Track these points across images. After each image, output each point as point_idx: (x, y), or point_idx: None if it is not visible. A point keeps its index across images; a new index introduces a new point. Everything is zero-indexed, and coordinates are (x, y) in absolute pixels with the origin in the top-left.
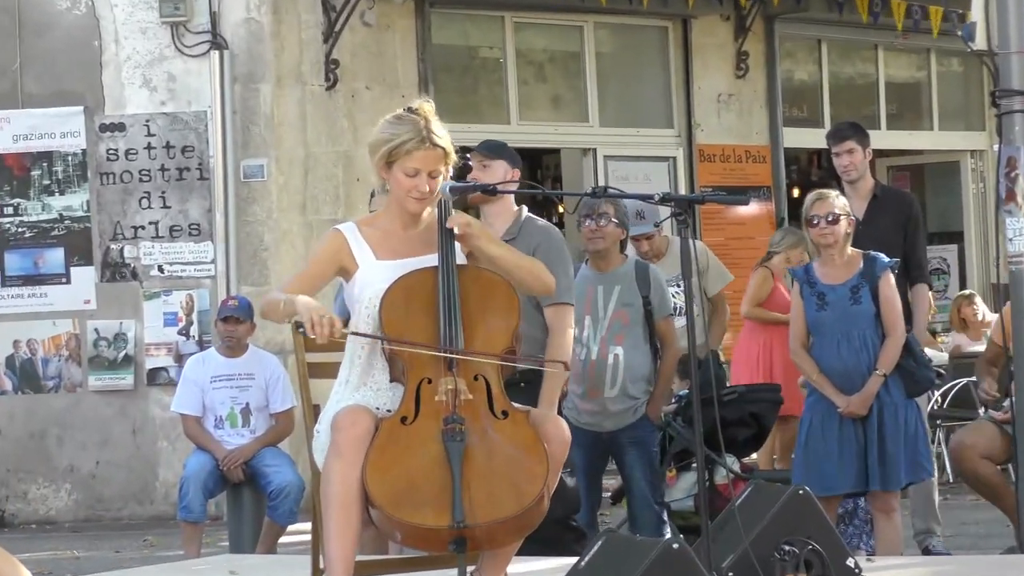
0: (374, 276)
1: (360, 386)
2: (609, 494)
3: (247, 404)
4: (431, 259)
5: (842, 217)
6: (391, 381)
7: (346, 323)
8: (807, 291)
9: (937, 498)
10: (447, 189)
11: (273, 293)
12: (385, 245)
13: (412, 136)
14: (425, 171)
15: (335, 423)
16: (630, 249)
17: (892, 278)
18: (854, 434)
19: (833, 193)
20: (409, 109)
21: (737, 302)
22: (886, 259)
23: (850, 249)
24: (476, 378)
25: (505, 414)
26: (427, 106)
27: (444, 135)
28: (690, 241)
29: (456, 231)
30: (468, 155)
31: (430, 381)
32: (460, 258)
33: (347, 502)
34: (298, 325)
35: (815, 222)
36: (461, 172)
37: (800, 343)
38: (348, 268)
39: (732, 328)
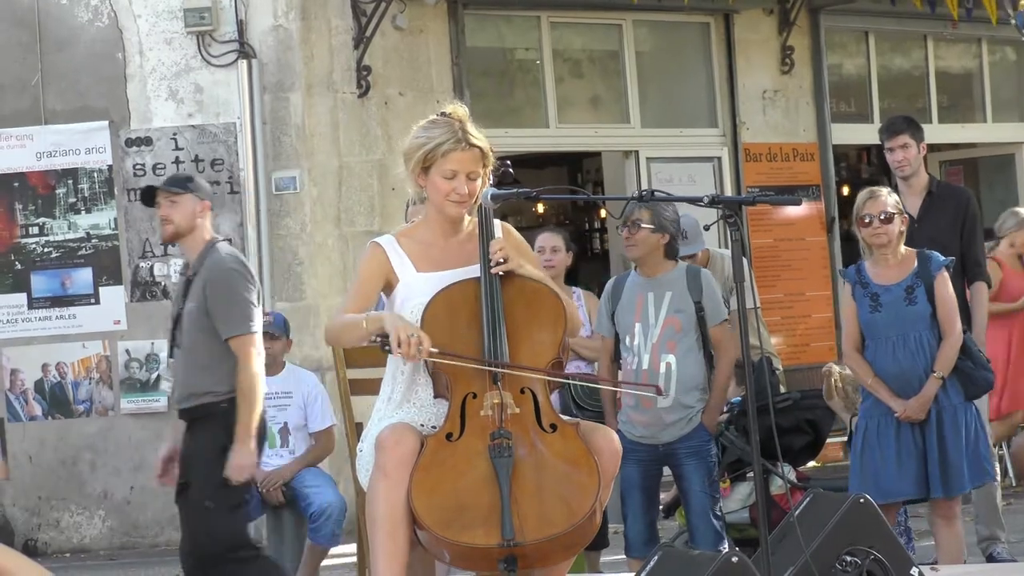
0: (415, 289)
1: (404, 403)
2: (661, 507)
3: (285, 423)
4: (473, 270)
5: (895, 215)
6: (435, 397)
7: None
8: (859, 292)
9: (1001, 503)
10: (489, 197)
11: (340, 317)
12: (425, 257)
13: (448, 137)
14: (463, 172)
15: (379, 442)
16: None
17: (948, 277)
18: (912, 439)
19: (885, 190)
20: (442, 114)
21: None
22: (941, 258)
23: (903, 248)
24: (523, 391)
25: (554, 427)
26: (460, 110)
27: (480, 136)
28: (742, 244)
29: (498, 264)
30: (508, 161)
31: (475, 396)
32: None
33: (394, 523)
34: (383, 344)
35: (868, 221)
36: (501, 179)
37: (853, 345)
38: (390, 282)
39: None
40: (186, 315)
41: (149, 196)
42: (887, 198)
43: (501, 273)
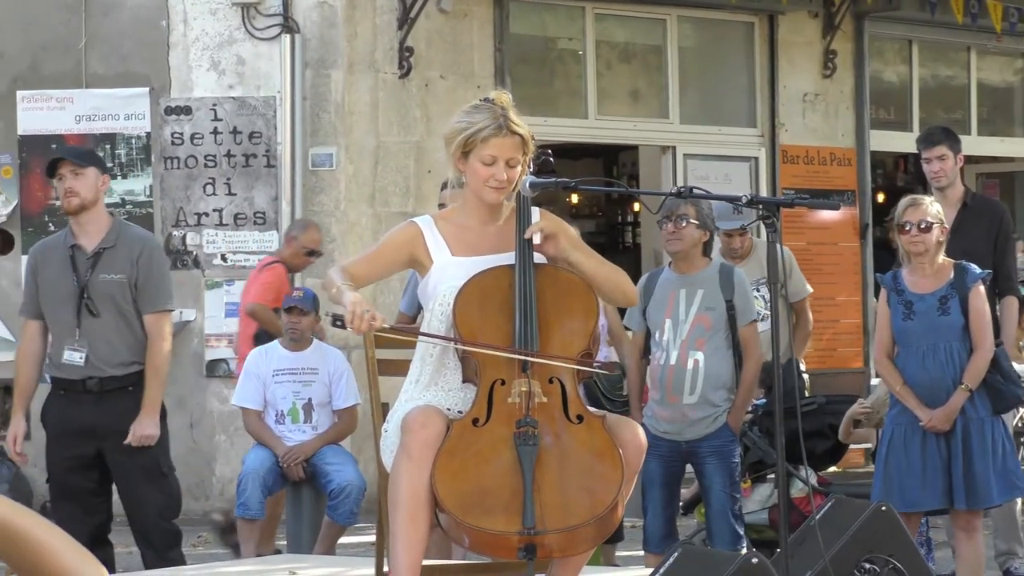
0: (449, 273)
1: (431, 385)
2: (680, 504)
3: (310, 399)
4: (508, 257)
5: (935, 225)
6: (463, 381)
7: (414, 319)
8: (894, 299)
9: (1020, 519)
10: (527, 185)
11: (334, 270)
12: (461, 241)
13: (489, 123)
14: (503, 159)
15: (405, 424)
16: (717, 248)
17: (983, 290)
18: (937, 450)
19: (928, 199)
20: (486, 99)
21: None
22: (978, 270)
23: (941, 258)
24: (551, 381)
25: (580, 418)
26: (505, 96)
27: (522, 123)
28: (778, 245)
29: (536, 240)
30: (549, 150)
31: (503, 383)
32: (538, 257)
33: (415, 506)
34: (334, 319)
35: (907, 228)
36: (541, 168)
37: (885, 352)
38: (422, 262)
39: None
40: (109, 285)
41: (52, 167)
42: (928, 207)
43: (537, 240)
